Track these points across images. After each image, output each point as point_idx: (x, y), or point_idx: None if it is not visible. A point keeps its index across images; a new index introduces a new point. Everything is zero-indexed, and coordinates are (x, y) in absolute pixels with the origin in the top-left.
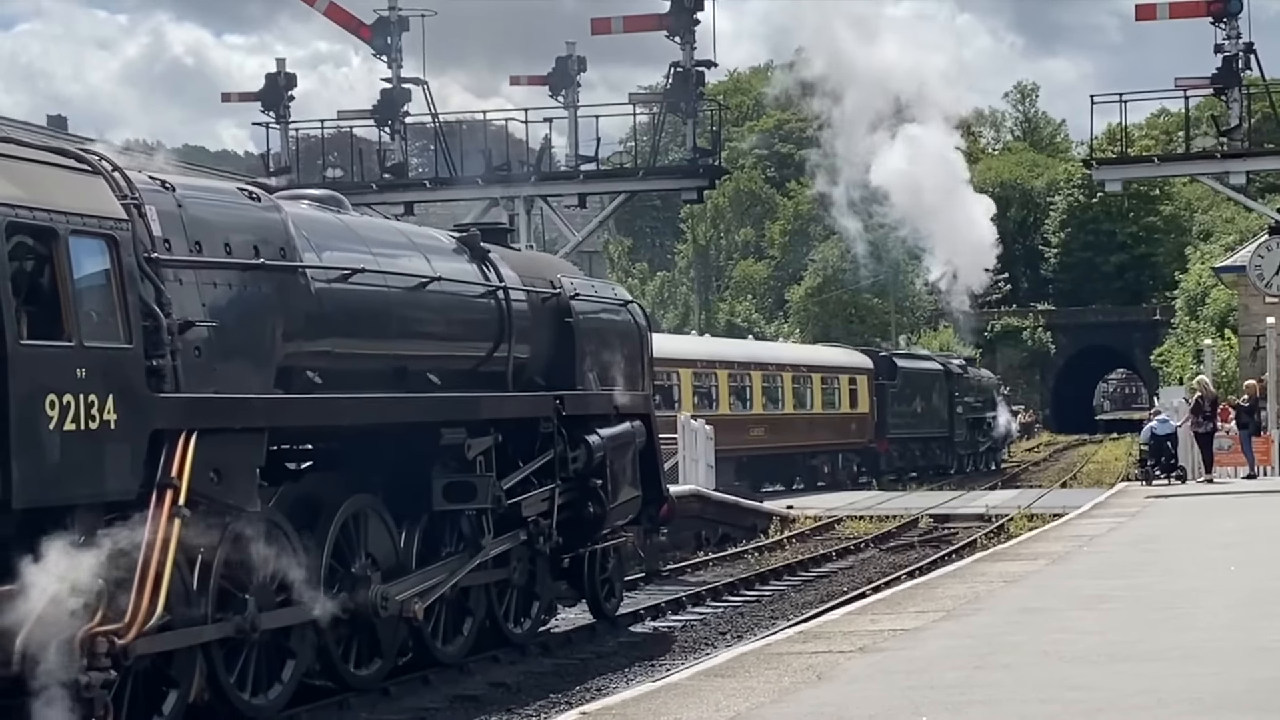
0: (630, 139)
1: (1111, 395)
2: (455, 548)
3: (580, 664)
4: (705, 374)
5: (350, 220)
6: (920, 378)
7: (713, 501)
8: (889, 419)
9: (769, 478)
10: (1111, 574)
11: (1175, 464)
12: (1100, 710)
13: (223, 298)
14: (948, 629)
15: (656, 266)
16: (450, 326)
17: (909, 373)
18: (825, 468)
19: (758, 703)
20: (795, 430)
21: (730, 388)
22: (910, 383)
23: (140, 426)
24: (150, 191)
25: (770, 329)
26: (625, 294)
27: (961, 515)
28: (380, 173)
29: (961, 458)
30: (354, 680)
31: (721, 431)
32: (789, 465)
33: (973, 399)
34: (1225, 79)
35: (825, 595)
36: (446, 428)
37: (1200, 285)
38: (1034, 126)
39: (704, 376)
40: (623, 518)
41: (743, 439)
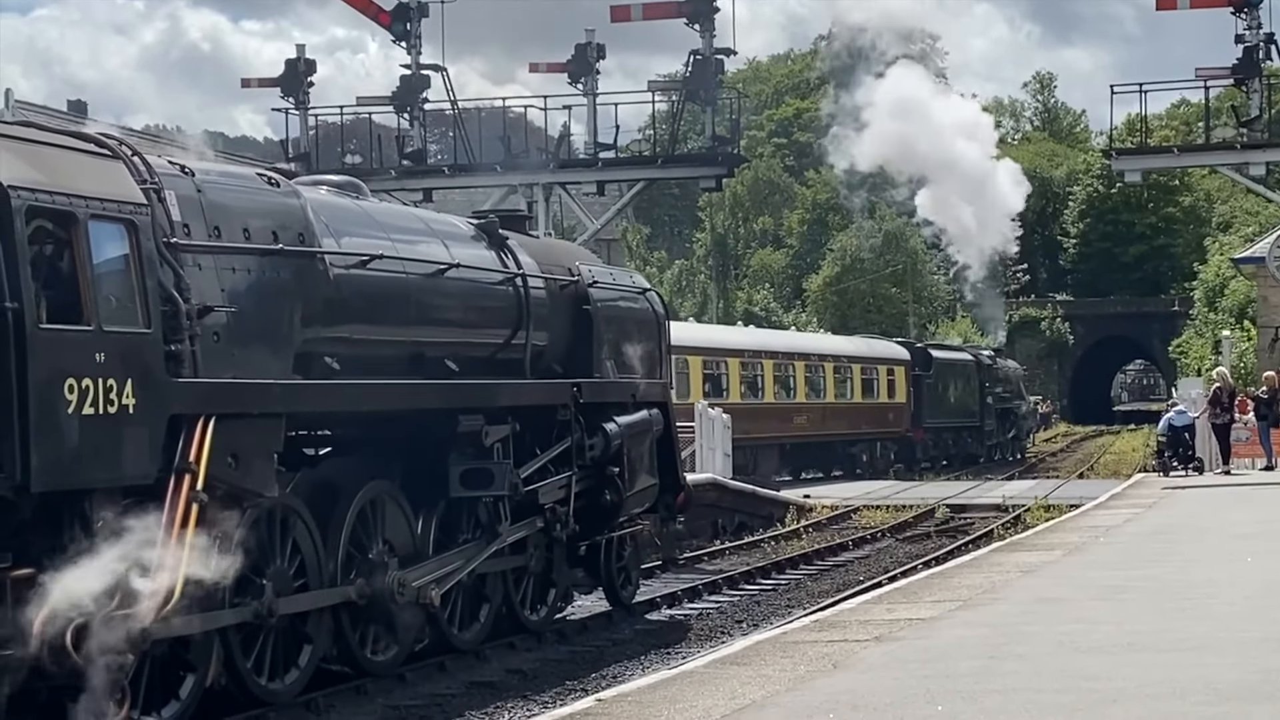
0: (649, 127)
1: (1129, 386)
2: (472, 534)
3: (596, 651)
4: (751, 363)
5: (369, 206)
6: (953, 368)
7: (730, 490)
8: (924, 409)
9: (811, 465)
10: (1128, 565)
11: (1193, 455)
12: (1116, 700)
13: (241, 283)
14: (964, 619)
15: (675, 254)
16: (468, 313)
17: (943, 364)
18: (864, 456)
19: (773, 691)
20: (837, 419)
21: (775, 377)
22: (944, 373)
23: (159, 411)
24: (169, 176)
25: (788, 318)
26: (643, 282)
27: (978, 505)
28: (399, 159)
29: (990, 447)
30: (370, 666)
31: (766, 419)
32: (830, 453)
33: (1001, 389)
34: (1246, 69)
35: (841, 584)
36: (464, 414)
37: (1219, 276)
38: (1053, 116)
39: (750, 366)
40: (639, 505)
41: (787, 427)
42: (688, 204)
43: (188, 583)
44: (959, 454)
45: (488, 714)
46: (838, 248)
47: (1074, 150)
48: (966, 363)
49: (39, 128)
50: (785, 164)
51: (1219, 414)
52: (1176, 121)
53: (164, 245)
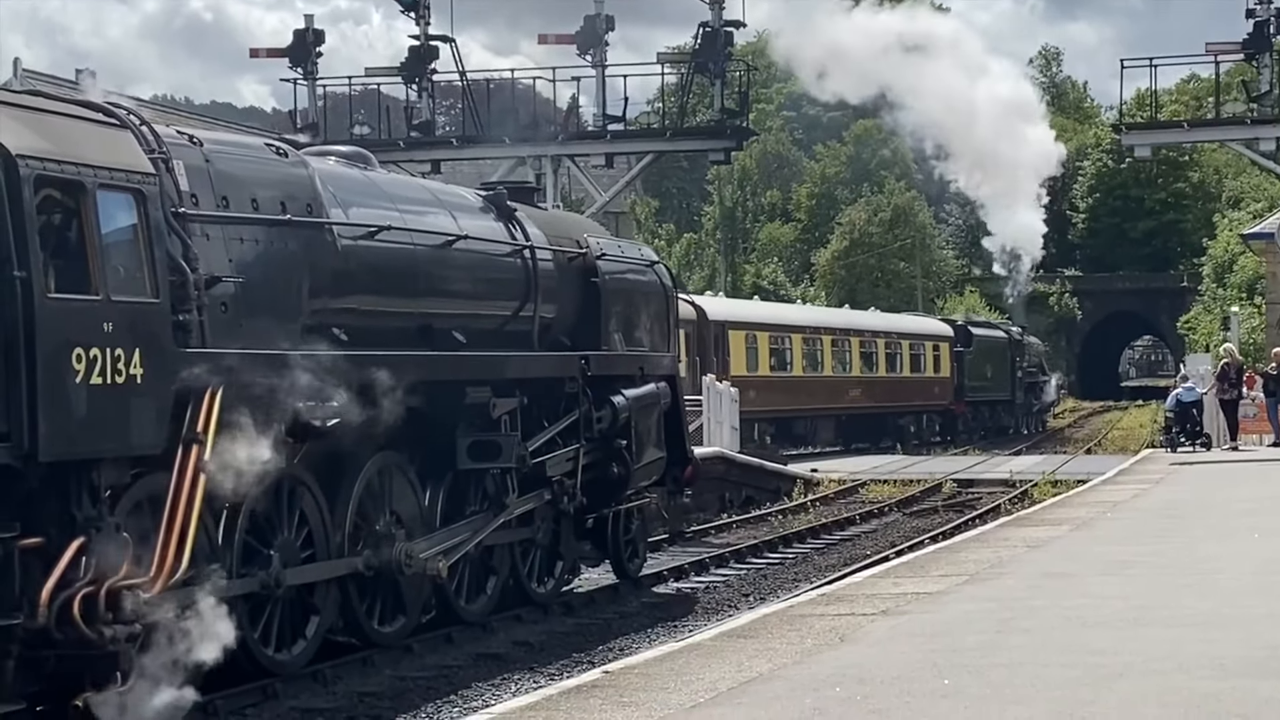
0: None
1: (1137, 362)
2: (479, 506)
3: (603, 624)
4: (812, 339)
5: (377, 177)
6: (990, 344)
7: (737, 464)
8: (965, 383)
9: (863, 436)
10: (1135, 540)
11: (1200, 431)
12: (1121, 674)
13: (249, 253)
14: (970, 593)
15: (683, 228)
16: (476, 285)
17: (981, 340)
18: (911, 427)
19: (780, 664)
20: (887, 392)
21: (833, 352)
22: (982, 349)
23: (166, 381)
24: (177, 146)
25: (796, 292)
26: (651, 254)
27: (986, 480)
28: (407, 130)
29: (1019, 419)
30: (378, 637)
31: (823, 390)
32: (880, 424)
33: (1029, 364)
34: (1256, 44)
35: (848, 558)
36: (472, 386)
37: (1228, 252)
38: (1060, 92)
39: (810, 341)
40: (647, 478)
41: (842, 399)
42: (696, 177)
43: (195, 553)
44: (993, 426)
45: (494, 685)
46: (846, 222)
47: (1082, 126)
48: (1001, 339)
49: (47, 97)
50: (794, 137)
51: (1227, 390)
52: (1186, 97)
53: (172, 215)
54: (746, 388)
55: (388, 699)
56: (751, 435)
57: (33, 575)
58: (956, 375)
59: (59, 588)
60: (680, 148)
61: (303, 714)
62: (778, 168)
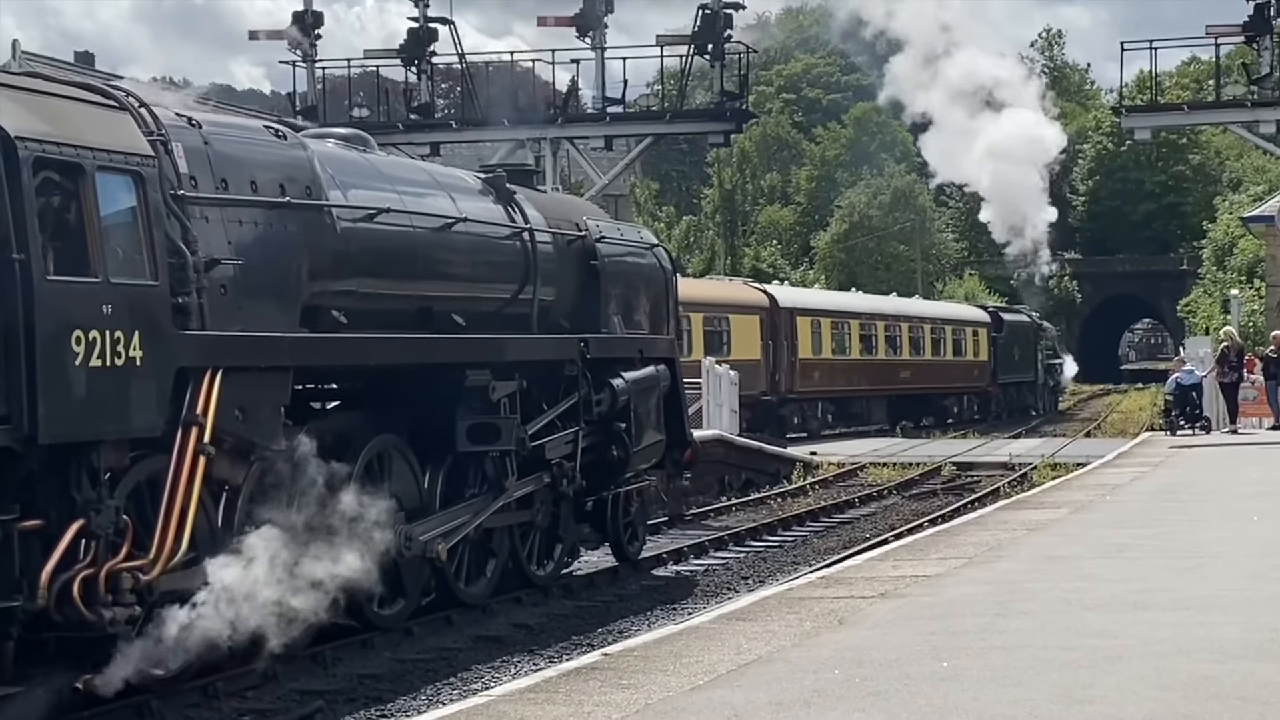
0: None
1: (1137, 345)
2: (479, 489)
3: (602, 606)
4: (868, 325)
5: (376, 159)
6: (1018, 329)
7: (736, 446)
8: (998, 366)
9: (911, 415)
10: (1134, 523)
11: (1200, 414)
12: (1120, 657)
13: (248, 236)
14: (969, 575)
15: (683, 210)
16: (475, 268)
17: (1011, 325)
18: (955, 408)
19: (779, 646)
20: (933, 374)
21: (885, 336)
22: (1011, 334)
23: (166, 363)
24: (176, 128)
25: (795, 275)
26: (651, 237)
27: (985, 464)
28: (406, 113)
29: (1040, 399)
30: (377, 620)
31: (878, 373)
32: (926, 405)
33: (1048, 347)
34: (1256, 26)
35: (848, 541)
36: (471, 369)
37: (1228, 235)
38: (1061, 74)
39: (868, 326)
40: (646, 461)
41: (894, 381)
42: (696, 160)
43: (195, 535)
44: (1020, 406)
45: (494, 668)
46: (846, 205)
47: (1082, 109)
48: (1027, 325)
49: (45, 78)
50: (794, 120)
51: (1227, 373)
52: (1187, 79)
53: (171, 197)
54: (811, 369)
55: (387, 681)
56: (815, 414)
57: (32, 557)
58: (992, 359)
59: (59, 570)
60: (679, 130)
61: (303, 696)
62: (777, 150)
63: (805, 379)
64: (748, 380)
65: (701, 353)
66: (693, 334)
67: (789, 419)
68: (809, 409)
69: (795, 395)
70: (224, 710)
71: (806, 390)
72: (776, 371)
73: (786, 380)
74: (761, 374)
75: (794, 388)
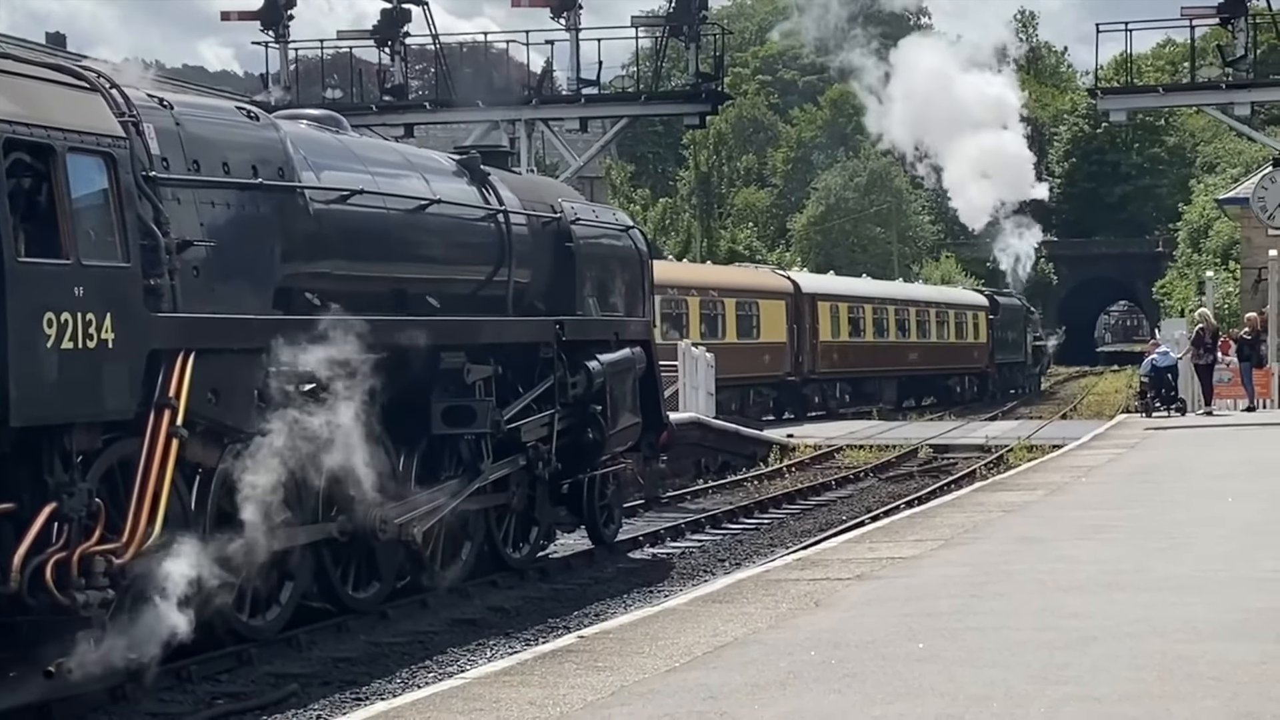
0: (632, 63)
1: (1113, 327)
2: (454, 472)
3: (578, 589)
4: (880, 309)
5: (349, 141)
6: (1011, 313)
7: (713, 429)
8: (995, 348)
9: (918, 394)
10: (1109, 505)
11: (1175, 396)
12: (1095, 638)
13: (221, 217)
14: (946, 557)
15: (659, 192)
16: (450, 249)
17: (1005, 309)
18: (957, 388)
19: (755, 628)
20: (939, 356)
21: (895, 320)
22: (1005, 317)
23: (138, 346)
24: (148, 109)
25: (772, 257)
26: (626, 219)
27: (961, 446)
28: (380, 94)
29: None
30: (352, 603)
31: (890, 354)
32: (931, 385)
33: (1034, 330)
34: (1231, 9)
35: (824, 523)
36: (446, 351)
37: (1203, 217)
38: (1036, 56)
39: (879, 310)
40: (622, 444)
41: (904, 362)
42: (672, 142)
43: (168, 518)
44: (1013, 385)
45: (470, 651)
46: (822, 187)
47: (1058, 91)
48: (1018, 308)
49: (15, 59)
50: (770, 101)
51: (1202, 355)
52: (1162, 61)
53: (143, 178)
54: (830, 350)
55: (362, 664)
56: (834, 393)
57: (4, 541)
58: (990, 341)
59: (31, 553)
60: (655, 112)
61: (277, 679)
62: (753, 132)
63: (825, 360)
64: (774, 362)
65: (735, 335)
66: (726, 318)
67: (810, 398)
68: (828, 389)
69: (816, 376)
70: (197, 694)
71: (826, 371)
72: (800, 353)
73: (809, 362)
74: (787, 356)
75: (816, 369)
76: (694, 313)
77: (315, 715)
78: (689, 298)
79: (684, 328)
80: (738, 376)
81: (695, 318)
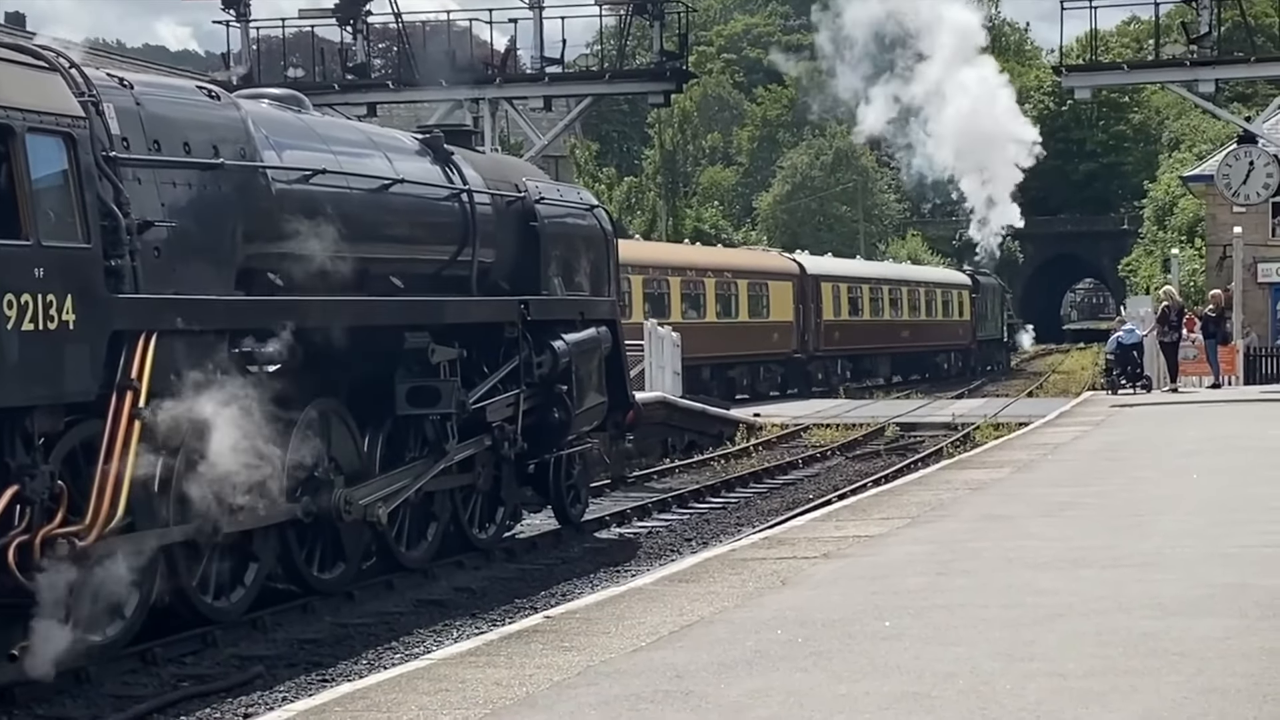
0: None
1: (1079, 305)
2: (419, 453)
3: (545, 569)
4: (876, 289)
5: (311, 120)
6: (990, 291)
7: (679, 408)
8: (976, 325)
9: (909, 371)
10: (1075, 482)
11: (1141, 373)
12: (1061, 615)
13: (182, 198)
14: (912, 535)
15: (624, 171)
16: (413, 229)
17: (985, 287)
18: (944, 364)
19: (722, 607)
20: (928, 333)
21: (889, 300)
22: (985, 296)
23: (99, 327)
24: (108, 89)
25: (738, 236)
26: (591, 198)
27: (928, 424)
28: (342, 73)
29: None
30: (318, 584)
31: (885, 333)
32: (921, 361)
33: (1008, 308)
34: None
35: (791, 502)
36: (410, 332)
37: (1169, 194)
38: (999, 33)
39: (876, 290)
40: (588, 424)
41: (896, 339)
42: (637, 120)
43: (131, 500)
44: (989, 361)
45: (436, 632)
46: (788, 166)
47: (1023, 68)
48: (996, 287)
49: None
50: (735, 80)
51: (1167, 332)
52: (1127, 38)
53: (103, 159)
54: (833, 329)
55: (328, 646)
56: (836, 370)
57: None
58: (973, 318)
59: None
60: (619, 90)
61: (242, 661)
62: (718, 111)
63: (828, 339)
64: (782, 339)
65: (747, 315)
66: (739, 298)
67: (814, 374)
68: (830, 365)
69: (820, 354)
70: (162, 677)
71: (829, 349)
72: (806, 332)
73: (814, 340)
74: (794, 334)
75: (820, 346)
76: (710, 293)
77: (281, 697)
78: (705, 279)
79: (702, 308)
80: (749, 353)
81: (711, 298)
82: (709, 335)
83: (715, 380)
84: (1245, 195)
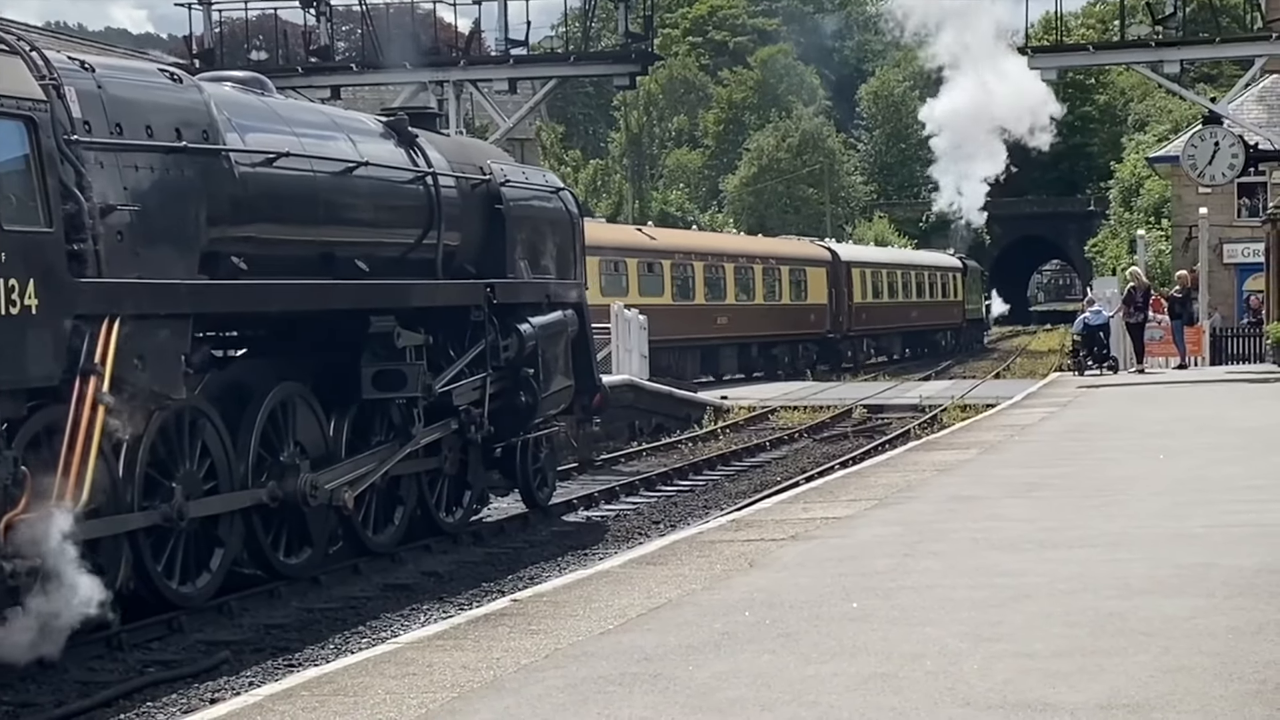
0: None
1: (1046, 286)
2: (385, 437)
3: (513, 553)
4: (892, 274)
5: (274, 103)
6: (974, 274)
7: (646, 391)
8: (965, 305)
9: (916, 347)
10: (1043, 463)
11: (1107, 354)
12: (1029, 595)
13: (145, 181)
14: (880, 517)
15: (590, 154)
16: (378, 212)
17: (970, 270)
18: (942, 341)
19: (689, 590)
20: (932, 314)
21: (902, 284)
22: (970, 278)
23: (62, 311)
24: (69, 72)
25: (704, 218)
26: (557, 181)
27: (895, 406)
28: (305, 56)
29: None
30: (284, 569)
31: (900, 314)
32: (924, 338)
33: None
34: None
35: (758, 485)
36: (375, 315)
37: (1135, 176)
38: None
39: (892, 275)
40: (555, 407)
41: (905, 319)
42: (602, 103)
43: (95, 486)
44: (974, 339)
45: (403, 616)
46: (754, 148)
47: None
48: (977, 270)
49: None
50: (700, 63)
51: (1133, 313)
52: (1092, 20)
53: (65, 142)
54: (861, 311)
55: (294, 630)
56: (863, 348)
57: None
58: (964, 299)
59: None
60: (584, 73)
61: (208, 646)
62: (684, 93)
63: (857, 320)
64: (817, 321)
65: (789, 298)
66: (781, 283)
67: (844, 353)
68: (858, 344)
69: (852, 334)
70: (128, 662)
71: (859, 329)
72: (839, 314)
73: (847, 321)
74: (828, 316)
75: (851, 327)
76: (758, 279)
77: (247, 682)
78: (754, 265)
79: (751, 290)
80: (791, 333)
81: (759, 282)
82: (757, 316)
83: (761, 357)
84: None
